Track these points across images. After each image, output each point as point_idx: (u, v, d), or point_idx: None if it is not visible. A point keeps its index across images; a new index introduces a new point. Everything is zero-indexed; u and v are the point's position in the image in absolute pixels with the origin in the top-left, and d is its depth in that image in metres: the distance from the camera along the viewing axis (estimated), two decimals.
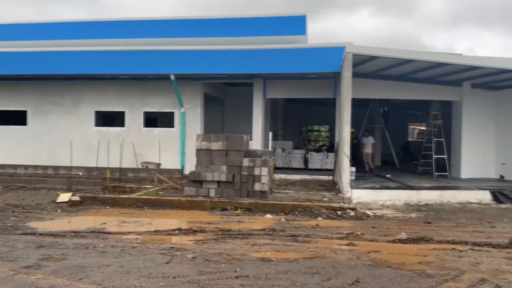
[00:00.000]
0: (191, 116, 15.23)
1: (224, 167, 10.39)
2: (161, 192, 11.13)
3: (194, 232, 7.22)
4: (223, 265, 5.36)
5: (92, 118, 15.84)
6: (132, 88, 15.62)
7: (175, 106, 15.20)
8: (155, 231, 7.43)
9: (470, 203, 11.06)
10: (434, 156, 15.20)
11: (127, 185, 12.21)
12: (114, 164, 14.28)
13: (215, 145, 10.53)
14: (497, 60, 12.90)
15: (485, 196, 11.42)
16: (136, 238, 6.89)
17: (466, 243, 6.65)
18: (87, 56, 14.79)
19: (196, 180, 10.50)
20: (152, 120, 16.69)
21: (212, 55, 14.07)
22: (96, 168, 14.00)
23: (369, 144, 16.34)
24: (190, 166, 13.27)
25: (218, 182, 10.38)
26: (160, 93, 15.37)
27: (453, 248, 6.34)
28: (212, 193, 10.33)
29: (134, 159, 15.09)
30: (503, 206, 10.81)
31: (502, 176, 14.67)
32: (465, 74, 13.58)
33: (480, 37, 70.27)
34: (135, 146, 15.16)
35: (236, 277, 4.88)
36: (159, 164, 15.06)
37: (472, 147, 14.97)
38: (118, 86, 15.66)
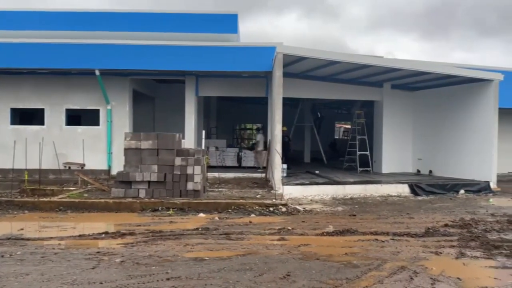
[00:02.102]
0: (118, 114, 14.59)
1: (155, 167, 10.09)
2: (86, 194, 10.53)
3: (123, 235, 6.92)
4: (153, 267, 5.21)
5: (7, 116, 14.56)
6: (53, 83, 14.58)
7: (100, 103, 14.45)
8: (80, 235, 7.00)
9: (391, 196, 11.89)
10: (358, 153, 16.14)
11: (48, 188, 11.40)
12: (33, 165, 13.20)
13: (145, 144, 10.19)
14: (413, 63, 14.01)
15: (404, 189, 12.34)
16: (59, 244, 6.44)
17: (387, 233, 7.13)
18: (1, 48, 13.52)
19: (124, 181, 10.07)
20: (76, 118, 15.75)
21: (140, 50, 13.56)
22: (13, 170, 12.87)
23: (260, 142, 16.46)
24: (118, 167, 12.70)
25: (149, 182, 10.06)
26: (84, 89, 14.52)
27: (376, 239, 6.76)
28: (142, 193, 9.99)
29: (56, 160, 14.12)
30: (419, 198, 11.77)
31: (418, 171, 15.97)
32: (385, 76, 14.56)
33: (398, 42, 75.92)
34: (56, 145, 14.18)
35: (168, 279, 4.76)
36: (83, 165, 14.23)
37: (392, 144, 16.13)
38: (37, 81, 14.55)
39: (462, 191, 12.54)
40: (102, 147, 14.54)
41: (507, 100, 14.82)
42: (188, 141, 14.20)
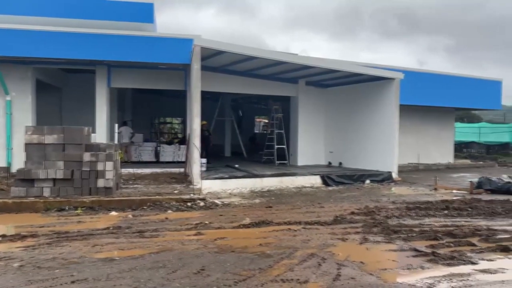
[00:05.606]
0: (19, 106, 13.29)
1: (61, 163, 9.36)
2: None
3: (23, 237, 6.33)
4: (57, 270, 4.84)
5: None
6: None
7: None
8: None
9: (305, 187, 12.44)
10: (276, 146, 16.62)
11: None
12: None
13: (50, 138, 9.39)
14: (325, 61, 14.74)
15: (316, 181, 12.99)
16: None
17: (300, 223, 7.44)
18: None
19: (26, 179, 9.21)
20: None
21: (44, 37, 12.38)
22: None
23: (124, 134, 16.30)
24: (19, 163, 11.57)
25: (54, 180, 9.31)
26: None
27: (289, 229, 7.02)
28: (47, 192, 9.22)
29: None
30: (330, 188, 12.47)
31: (330, 163, 16.91)
32: (300, 73, 15.14)
33: (312, 41, 79.75)
34: None
35: (73, 282, 4.46)
36: None
37: (306, 137, 16.88)
38: None
39: (367, 181, 13.55)
40: (1, 142, 13.15)
41: (408, 97, 16.26)
42: (100, 135, 13.40)
